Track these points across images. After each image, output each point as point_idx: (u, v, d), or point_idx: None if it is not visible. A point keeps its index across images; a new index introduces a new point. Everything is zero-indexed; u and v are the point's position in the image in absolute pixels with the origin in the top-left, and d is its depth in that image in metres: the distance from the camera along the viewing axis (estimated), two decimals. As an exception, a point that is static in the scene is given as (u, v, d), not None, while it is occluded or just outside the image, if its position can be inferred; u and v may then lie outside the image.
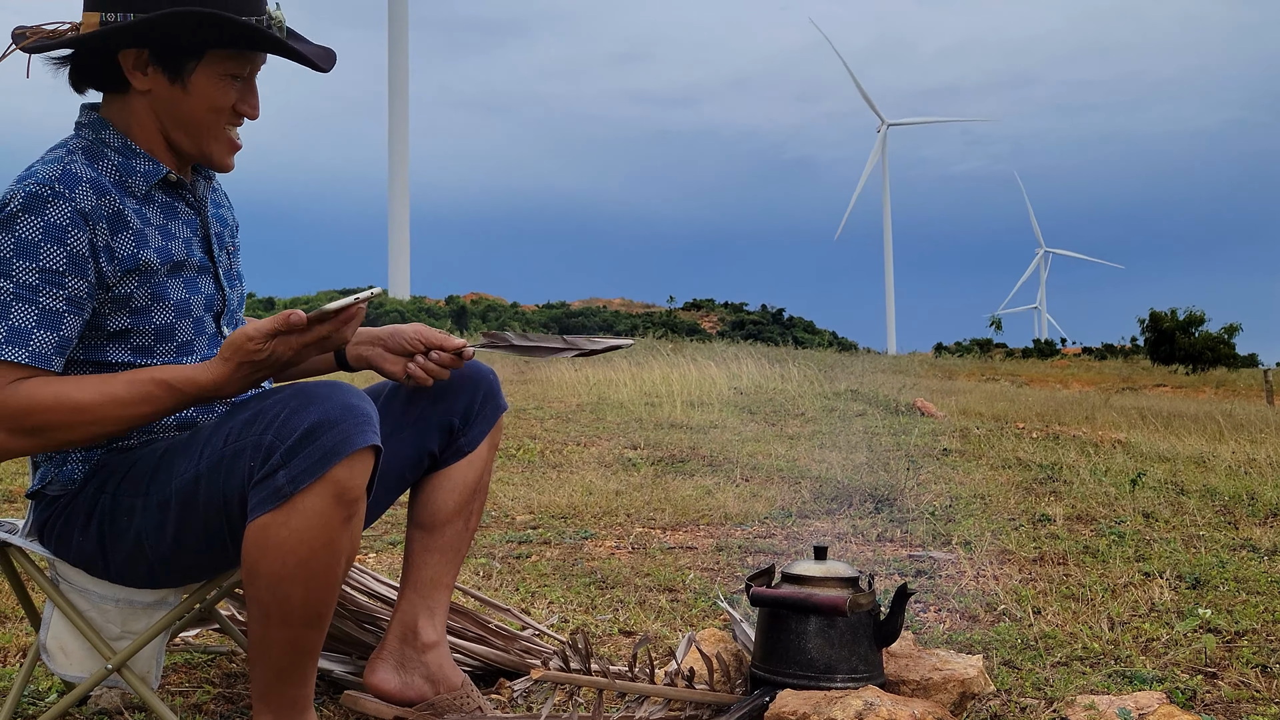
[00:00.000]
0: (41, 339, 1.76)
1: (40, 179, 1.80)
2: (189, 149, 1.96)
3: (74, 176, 1.82)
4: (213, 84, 1.90)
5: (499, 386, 2.34)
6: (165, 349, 1.92)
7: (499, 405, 2.32)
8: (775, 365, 16.50)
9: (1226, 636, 2.96)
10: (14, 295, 1.75)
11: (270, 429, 1.71)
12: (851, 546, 4.29)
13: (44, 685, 2.45)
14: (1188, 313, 44.44)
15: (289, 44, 1.93)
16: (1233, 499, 5.30)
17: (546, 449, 7.32)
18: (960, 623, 3.17)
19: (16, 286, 1.75)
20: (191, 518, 1.80)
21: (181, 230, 1.98)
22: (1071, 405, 14.75)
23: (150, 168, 1.93)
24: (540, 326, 53.50)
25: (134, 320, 1.89)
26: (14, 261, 1.76)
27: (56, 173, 1.82)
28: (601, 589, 3.54)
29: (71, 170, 1.83)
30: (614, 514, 4.96)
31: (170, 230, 1.96)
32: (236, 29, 1.85)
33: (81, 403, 1.75)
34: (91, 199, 1.82)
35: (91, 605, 1.96)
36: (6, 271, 1.76)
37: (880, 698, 1.84)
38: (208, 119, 1.93)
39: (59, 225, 1.78)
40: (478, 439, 2.28)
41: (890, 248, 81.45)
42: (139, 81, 1.90)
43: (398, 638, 2.24)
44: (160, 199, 1.96)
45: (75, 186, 1.81)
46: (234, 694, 2.44)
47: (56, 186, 1.80)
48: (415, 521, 2.28)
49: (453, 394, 2.26)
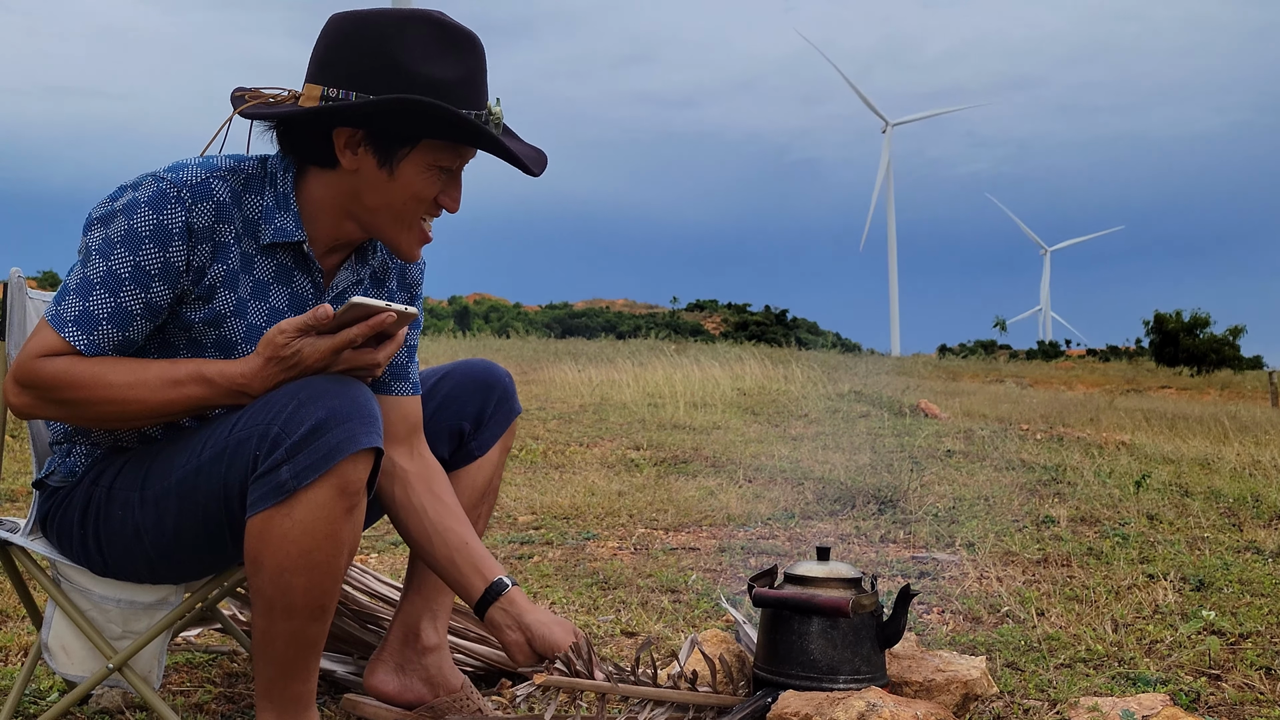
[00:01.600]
0: (106, 333, 1.78)
1: (177, 179, 1.79)
2: (379, 234, 1.92)
3: (207, 191, 1.81)
4: (420, 173, 1.85)
5: (514, 390, 2.33)
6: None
7: (512, 409, 2.32)
8: (778, 366, 16.49)
9: (1231, 639, 2.95)
10: (102, 280, 1.77)
11: (278, 420, 1.70)
12: (855, 548, 4.29)
13: (45, 685, 2.45)
14: (1193, 315, 44.42)
15: (504, 142, 1.87)
16: (1237, 501, 5.29)
17: (549, 450, 7.32)
18: (963, 624, 3.16)
19: (107, 273, 1.77)
20: (191, 509, 1.80)
21: (280, 299, 1.92)
22: (1076, 407, 14.73)
23: (290, 226, 1.88)
24: (543, 327, 53.51)
25: (188, 349, 1.88)
26: (117, 247, 1.77)
27: (197, 180, 1.81)
28: (604, 590, 3.54)
29: (210, 185, 1.81)
30: (616, 515, 4.96)
31: (268, 292, 1.91)
32: (458, 122, 1.80)
33: (114, 383, 1.76)
34: (208, 219, 1.80)
35: (93, 605, 1.96)
36: (107, 254, 1.77)
37: (883, 699, 1.83)
38: (408, 207, 1.87)
39: (167, 230, 1.78)
40: (488, 443, 2.28)
41: (894, 249, 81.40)
42: (347, 160, 1.85)
43: (399, 639, 2.24)
44: (283, 261, 1.91)
45: (201, 201, 1.80)
46: (235, 694, 2.43)
47: (184, 193, 1.79)
48: None
49: (464, 398, 2.25)
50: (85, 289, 1.78)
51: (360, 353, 1.78)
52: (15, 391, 1.78)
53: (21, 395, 1.78)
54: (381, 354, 1.79)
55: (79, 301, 1.77)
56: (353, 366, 1.78)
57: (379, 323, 1.74)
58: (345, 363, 1.77)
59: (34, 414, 1.81)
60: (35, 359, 1.76)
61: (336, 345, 1.75)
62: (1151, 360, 45.35)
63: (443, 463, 2.24)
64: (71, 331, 1.77)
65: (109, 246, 1.78)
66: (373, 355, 1.78)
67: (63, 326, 1.77)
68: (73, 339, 1.76)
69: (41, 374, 1.76)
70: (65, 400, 1.76)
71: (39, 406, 1.79)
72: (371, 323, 1.74)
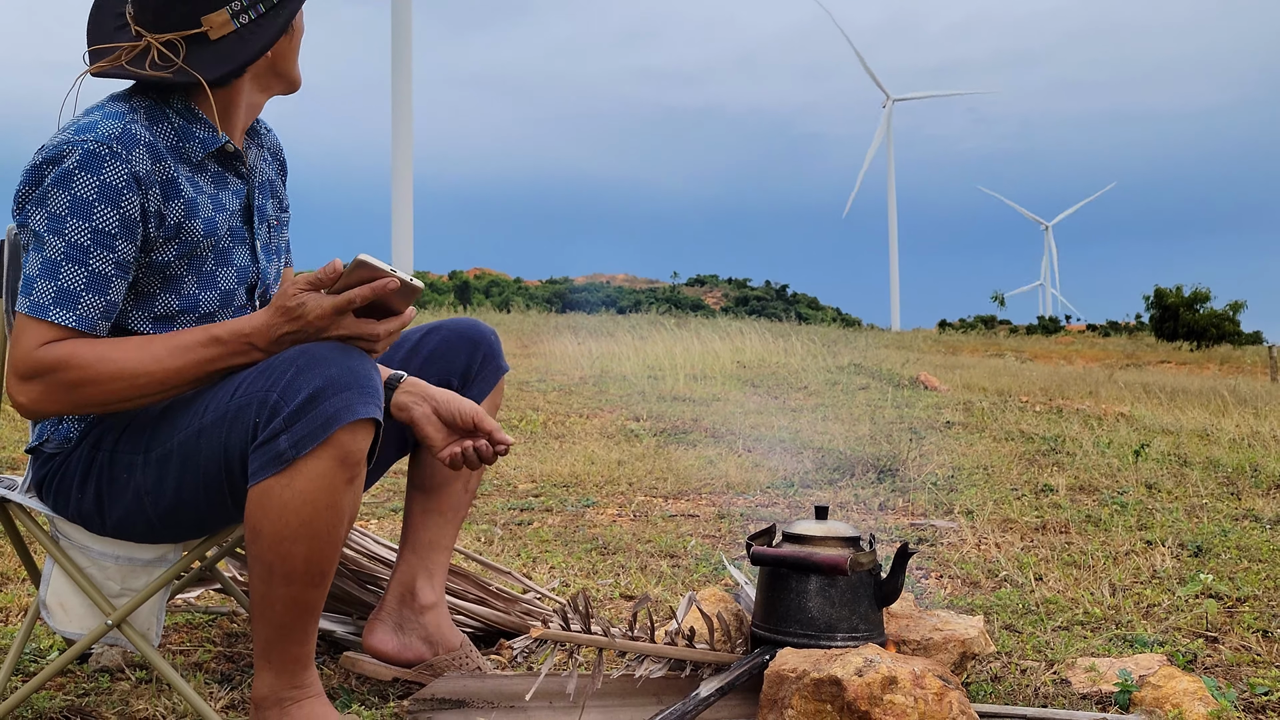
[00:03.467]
0: (90, 303, 1.75)
1: (99, 136, 1.77)
2: (282, 86, 2.00)
3: (133, 138, 1.79)
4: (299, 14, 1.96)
5: (499, 347, 2.31)
6: (186, 319, 1.91)
7: (499, 367, 2.30)
8: (779, 340, 16.48)
9: (1228, 602, 2.96)
10: (65, 255, 1.74)
11: (276, 388, 1.70)
12: (853, 515, 4.29)
13: (45, 644, 2.46)
14: (1193, 290, 44.33)
15: None
16: (1236, 470, 5.29)
17: (549, 420, 7.32)
18: (962, 589, 3.17)
19: (68, 246, 1.74)
20: (192, 472, 1.80)
21: (230, 201, 1.96)
22: (1075, 380, 14.73)
23: (209, 135, 1.90)
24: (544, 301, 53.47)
25: (163, 288, 1.87)
26: (68, 220, 1.74)
27: (116, 131, 1.78)
28: (603, 555, 3.55)
29: (131, 131, 1.80)
30: (616, 483, 4.97)
31: (220, 200, 1.94)
32: None
33: (121, 359, 1.74)
34: (147, 163, 1.80)
35: (91, 562, 1.96)
36: (59, 229, 1.74)
37: (880, 655, 1.84)
38: (296, 45, 1.99)
39: (114, 187, 1.75)
40: (478, 400, 2.25)
41: (895, 225, 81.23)
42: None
43: (396, 599, 2.24)
44: (213, 169, 1.94)
45: (133, 149, 1.78)
46: (235, 653, 2.44)
47: (115, 146, 1.76)
48: (414, 483, 2.27)
49: (451, 354, 2.24)
50: (51, 270, 1.74)
51: (361, 321, 1.76)
52: (21, 388, 1.74)
53: (28, 388, 1.73)
54: (382, 327, 1.77)
55: (50, 284, 1.74)
56: (354, 335, 1.76)
57: (380, 287, 1.72)
58: (347, 328, 1.75)
59: (42, 408, 1.75)
60: (33, 351, 1.73)
61: (338, 305, 1.73)
62: (1151, 335, 45.30)
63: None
64: (56, 313, 1.73)
65: (58, 222, 1.74)
66: (373, 327, 1.76)
67: (45, 312, 1.73)
68: (59, 319, 1.73)
69: (44, 361, 1.72)
70: (73, 383, 1.73)
71: (47, 398, 1.74)
72: (374, 286, 1.72)
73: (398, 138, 33.11)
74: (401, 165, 33.28)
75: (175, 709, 2.05)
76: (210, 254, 1.91)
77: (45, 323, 1.73)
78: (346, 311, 1.74)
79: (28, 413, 1.77)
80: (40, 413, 1.76)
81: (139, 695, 2.14)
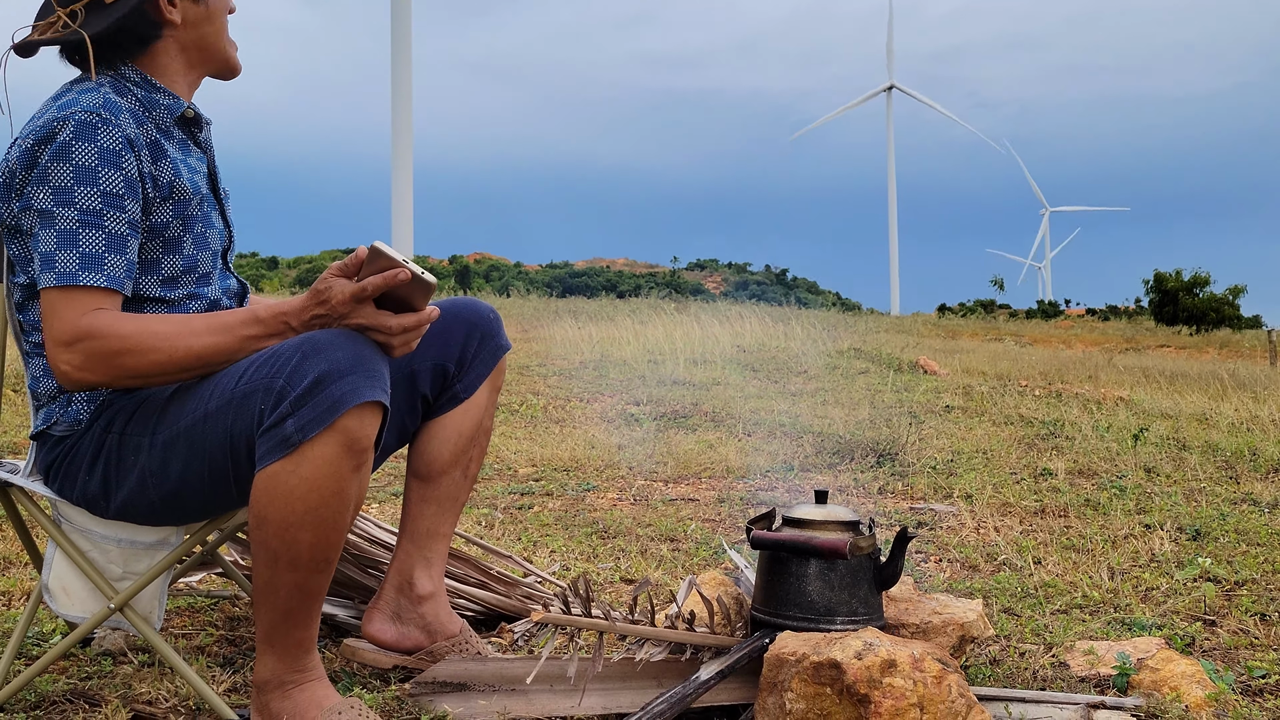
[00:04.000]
0: (114, 263, 1.79)
1: (86, 107, 1.81)
2: (212, 64, 2.03)
3: (115, 105, 1.85)
4: None
5: (498, 326, 2.28)
6: (189, 279, 1.95)
7: (499, 346, 2.27)
8: (778, 324, 16.47)
9: (1226, 586, 2.97)
10: (80, 222, 1.77)
11: (282, 374, 1.70)
12: (853, 499, 4.30)
13: (48, 627, 2.47)
14: (1193, 274, 44.30)
15: None
16: (1235, 454, 5.30)
17: (549, 405, 7.33)
18: (961, 572, 3.18)
19: (81, 213, 1.78)
20: (198, 457, 1.80)
21: (197, 165, 2.02)
22: (1075, 365, 14.73)
23: (172, 102, 1.97)
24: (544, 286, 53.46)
25: (165, 251, 1.91)
26: (75, 189, 1.78)
27: (99, 101, 1.83)
28: (603, 538, 3.56)
29: (111, 99, 1.86)
30: (616, 467, 4.98)
31: (190, 165, 2.00)
32: None
33: (161, 332, 1.77)
34: (133, 126, 1.86)
35: (93, 545, 1.96)
36: (69, 200, 1.77)
37: (879, 638, 1.84)
38: (221, 23, 2.02)
39: (113, 150, 1.81)
40: (475, 384, 2.24)
41: (895, 210, 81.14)
42: (172, 14, 1.96)
43: (394, 588, 2.24)
44: (179, 135, 2.00)
45: (119, 114, 1.84)
46: (237, 637, 2.45)
47: (103, 114, 1.82)
48: (412, 471, 2.26)
49: (446, 336, 2.21)
50: (69, 239, 1.77)
51: (378, 313, 1.76)
52: (63, 355, 1.75)
53: (70, 355, 1.75)
54: (395, 321, 1.77)
55: (72, 252, 1.76)
56: (370, 326, 1.76)
57: (392, 276, 1.73)
58: (365, 317, 1.76)
59: (84, 377, 1.76)
60: (76, 320, 1.75)
61: (356, 292, 1.75)
62: (1151, 319, 45.29)
63: (426, 404, 2.22)
64: (85, 277, 1.76)
65: (65, 194, 1.77)
66: (386, 319, 1.76)
67: (74, 279, 1.76)
68: (90, 281, 1.76)
69: (86, 329, 1.74)
70: (115, 352, 1.74)
71: (89, 366, 1.75)
72: (386, 275, 1.73)
73: (398, 123, 33.04)
74: (401, 150, 33.21)
75: (178, 692, 2.06)
76: (199, 215, 1.97)
77: (78, 289, 1.76)
78: (366, 300, 1.76)
79: (70, 382, 1.78)
80: (82, 382, 1.78)
81: (141, 679, 2.15)
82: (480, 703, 2.01)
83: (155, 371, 1.78)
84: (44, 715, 1.98)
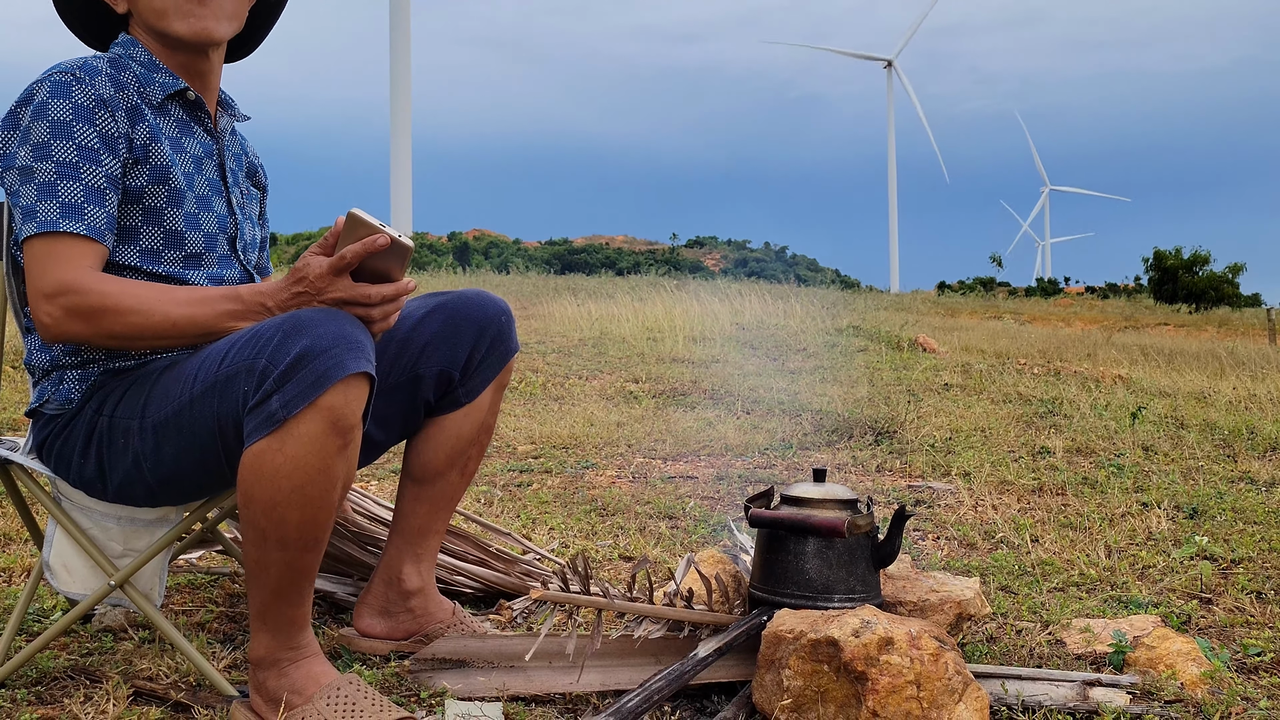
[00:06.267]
0: (93, 214, 1.82)
1: (62, 68, 1.88)
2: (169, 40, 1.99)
3: (94, 68, 1.90)
4: None
5: (510, 327, 2.21)
6: (173, 256, 1.94)
7: (508, 349, 2.21)
8: (778, 302, 16.46)
9: (1223, 564, 2.98)
10: (57, 174, 1.80)
11: (264, 353, 1.69)
12: (851, 477, 4.31)
13: (49, 604, 2.47)
14: (1192, 252, 44.28)
15: None
16: (1232, 433, 5.31)
17: (548, 382, 7.33)
18: (958, 550, 3.19)
19: (58, 166, 1.80)
20: (188, 441, 1.79)
21: (194, 148, 2.03)
22: (1073, 343, 14.73)
23: (169, 80, 2.00)
24: (543, 263, 53.38)
25: (145, 219, 1.92)
26: (52, 144, 1.81)
27: (78, 63, 1.89)
28: (602, 516, 3.56)
29: (91, 64, 1.91)
30: (615, 445, 4.98)
31: (182, 144, 2.00)
32: None
33: (142, 295, 1.77)
34: (110, 89, 1.89)
35: (93, 523, 1.97)
36: (46, 154, 1.81)
37: (877, 616, 1.85)
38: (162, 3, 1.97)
39: (86, 107, 1.85)
40: (479, 388, 2.19)
41: (894, 186, 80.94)
42: (120, 6, 2.01)
43: (383, 583, 2.23)
44: (176, 114, 2.02)
45: (95, 76, 1.88)
46: (237, 613, 2.46)
47: (78, 74, 1.87)
48: (407, 471, 2.23)
49: (455, 339, 2.15)
50: (49, 190, 1.80)
51: (356, 285, 1.75)
52: (44, 306, 1.76)
53: (50, 307, 1.76)
54: (374, 290, 1.75)
55: (51, 202, 1.79)
56: (349, 299, 1.74)
57: (371, 243, 1.71)
58: (343, 290, 1.74)
59: (63, 329, 1.77)
60: (61, 272, 1.76)
61: (333, 264, 1.73)
62: (1150, 298, 45.29)
63: (427, 408, 2.18)
64: (66, 224, 1.78)
65: (43, 149, 1.81)
66: (365, 289, 1.74)
67: (55, 225, 1.77)
68: (71, 228, 1.78)
69: (69, 283, 1.75)
70: (94, 309, 1.75)
71: (68, 320, 1.76)
72: (365, 243, 1.71)
73: (396, 98, 32.90)
74: (400, 126, 33.09)
75: (178, 668, 2.07)
76: (189, 193, 1.97)
77: (59, 236, 1.78)
78: (343, 272, 1.74)
79: (50, 335, 1.79)
80: (61, 335, 1.78)
81: (142, 655, 2.15)
82: (479, 679, 2.02)
83: (132, 334, 1.78)
84: (45, 691, 1.99)
